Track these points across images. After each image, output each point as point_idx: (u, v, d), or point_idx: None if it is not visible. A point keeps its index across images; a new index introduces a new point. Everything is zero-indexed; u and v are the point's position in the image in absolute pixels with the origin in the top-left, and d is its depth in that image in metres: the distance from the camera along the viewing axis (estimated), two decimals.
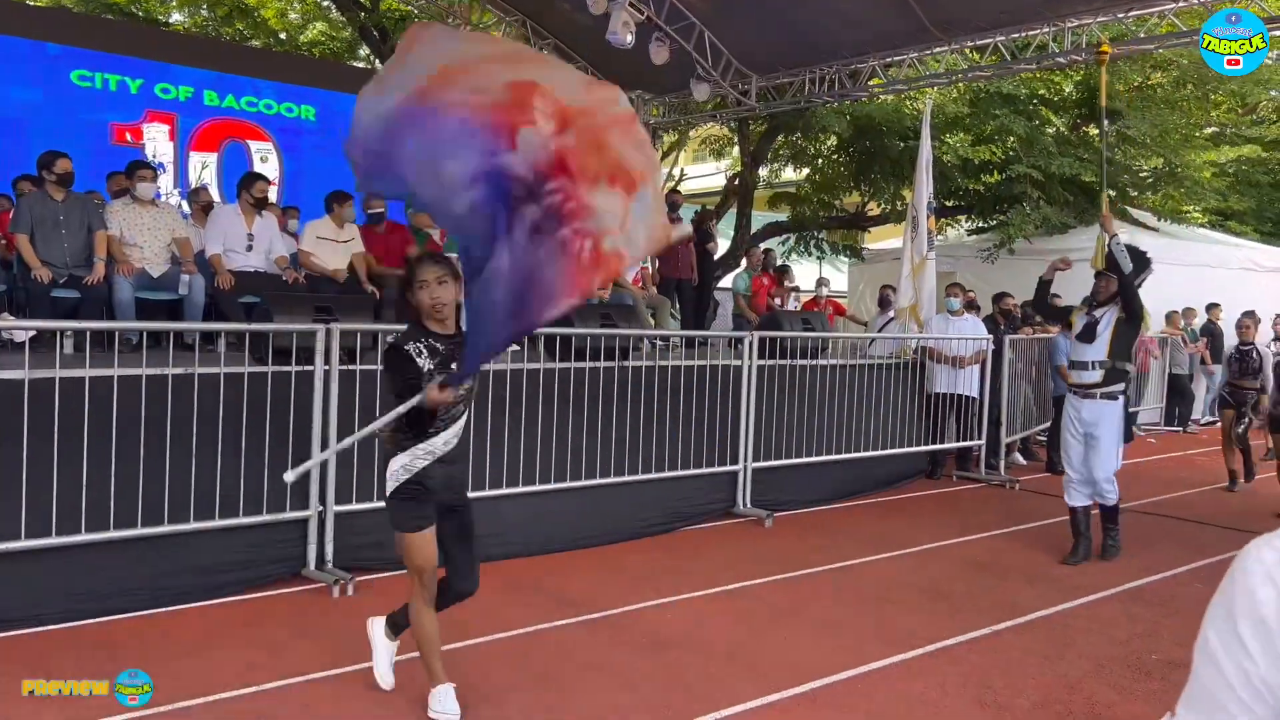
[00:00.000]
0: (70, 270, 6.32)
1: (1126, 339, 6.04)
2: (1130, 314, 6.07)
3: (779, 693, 3.86)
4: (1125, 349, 6.05)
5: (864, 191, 15.71)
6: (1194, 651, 1.07)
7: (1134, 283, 6.03)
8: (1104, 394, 5.95)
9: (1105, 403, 5.94)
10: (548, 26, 12.94)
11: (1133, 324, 6.08)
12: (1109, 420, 5.96)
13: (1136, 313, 6.18)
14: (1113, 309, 6.14)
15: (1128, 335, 6.03)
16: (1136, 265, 6.05)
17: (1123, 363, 6.01)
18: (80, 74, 10.40)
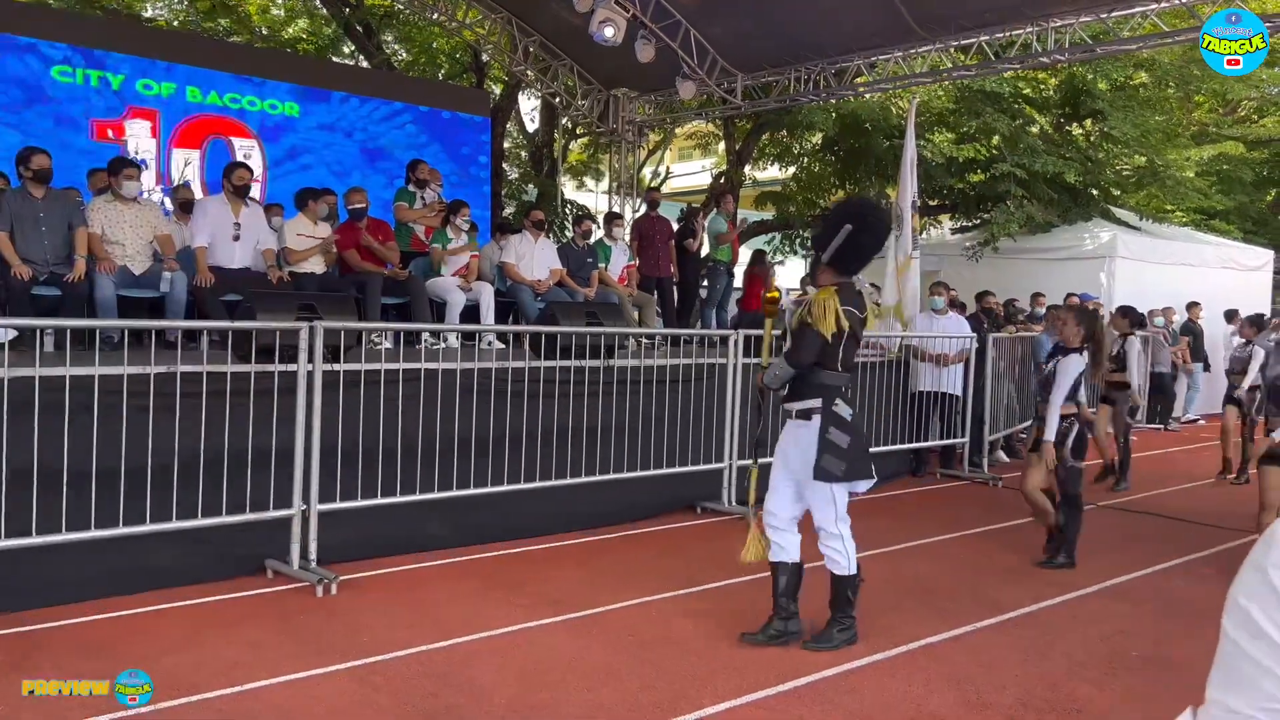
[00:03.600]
0: (50, 268, 6.27)
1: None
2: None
3: (762, 690, 3.87)
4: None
5: (849, 190, 15.76)
6: (1223, 631, 1.02)
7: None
8: (798, 412, 4.35)
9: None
10: (533, 24, 12.92)
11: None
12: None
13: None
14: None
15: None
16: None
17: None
18: (61, 70, 10.32)
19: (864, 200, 4.47)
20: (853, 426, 4.19)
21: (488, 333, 7.57)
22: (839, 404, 4.18)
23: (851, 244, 4.12)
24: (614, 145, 14.43)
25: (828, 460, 4.11)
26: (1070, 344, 5.87)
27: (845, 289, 4.18)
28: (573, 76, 13.61)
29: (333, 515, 5.27)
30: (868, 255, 4.27)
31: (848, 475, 4.15)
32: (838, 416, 4.15)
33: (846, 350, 4.18)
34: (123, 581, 4.73)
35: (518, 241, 8.83)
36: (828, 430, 4.13)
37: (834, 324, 4.05)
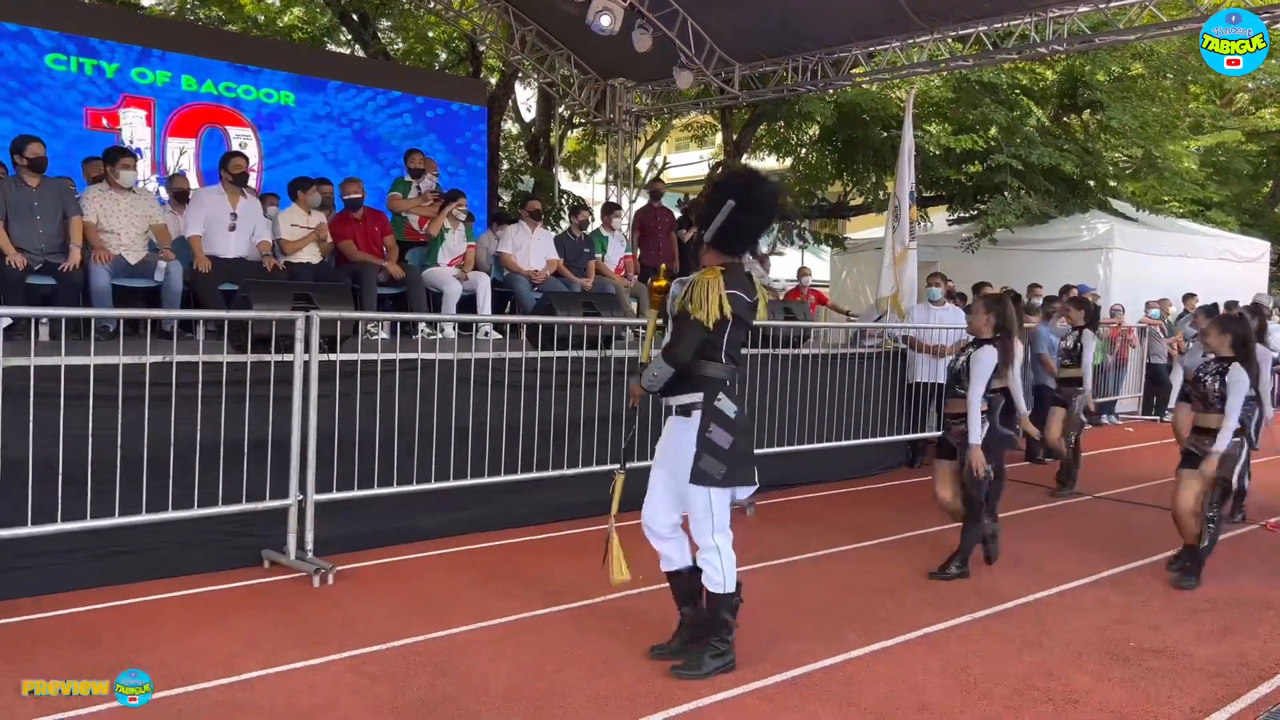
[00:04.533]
0: (45, 257, 6.24)
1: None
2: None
3: (760, 680, 3.87)
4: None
5: (846, 181, 15.74)
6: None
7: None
8: (678, 407, 3.88)
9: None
10: (530, 13, 12.86)
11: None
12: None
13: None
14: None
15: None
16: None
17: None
18: (55, 58, 10.26)
19: (748, 173, 3.98)
20: (738, 425, 3.75)
21: (484, 323, 7.56)
22: (723, 399, 3.74)
23: (734, 223, 3.70)
24: (611, 135, 14.38)
25: (707, 462, 3.69)
26: (981, 334, 5.41)
27: (731, 271, 3.74)
28: (569, 66, 13.56)
29: (330, 506, 5.27)
30: (754, 235, 3.87)
31: (727, 480, 3.72)
32: (720, 413, 3.72)
33: (732, 340, 3.75)
34: (119, 572, 4.73)
35: (514, 232, 8.81)
36: (709, 428, 3.71)
37: (717, 310, 3.61)
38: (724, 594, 3.83)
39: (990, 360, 5.26)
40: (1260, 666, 4.24)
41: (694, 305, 3.64)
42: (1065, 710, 3.72)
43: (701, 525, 3.81)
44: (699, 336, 3.65)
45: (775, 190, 3.81)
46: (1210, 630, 4.71)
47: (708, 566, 3.83)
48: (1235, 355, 5.24)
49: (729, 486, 3.75)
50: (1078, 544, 6.24)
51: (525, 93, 19.97)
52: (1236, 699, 3.88)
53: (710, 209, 3.73)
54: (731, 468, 3.71)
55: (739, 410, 3.77)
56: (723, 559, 3.81)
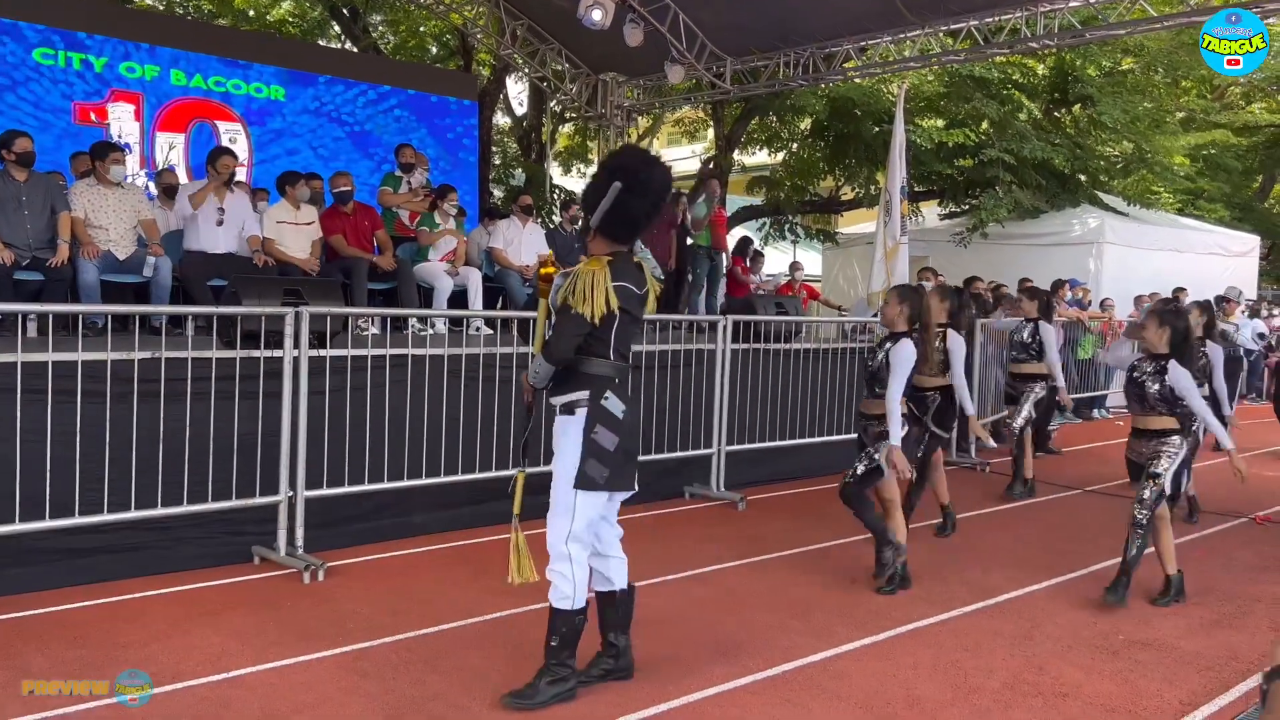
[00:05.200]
0: (33, 252, 6.21)
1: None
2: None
3: (750, 675, 3.87)
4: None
5: (838, 176, 15.73)
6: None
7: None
8: (562, 406, 3.56)
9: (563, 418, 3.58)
10: (521, 7, 12.83)
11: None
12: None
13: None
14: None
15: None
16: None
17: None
18: (43, 52, 10.20)
19: (635, 153, 3.68)
20: (624, 426, 3.48)
21: (475, 318, 7.53)
22: (610, 398, 3.46)
23: (621, 206, 3.41)
24: (602, 130, 14.36)
25: (591, 465, 3.42)
26: (895, 327, 5.02)
27: (619, 261, 3.47)
28: (561, 60, 13.53)
29: (320, 502, 5.25)
30: (643, 220, 3.52)
31: (610, 484, 3.46)
32: (607, 413, 3.44)
33: (621, 334, 3.48)
34: (108, 569, 4.71)
35: (505, 227, 8.79)
36: (594, 429, 3.43)
37: (602, 303, 3.34)
38: (569, 611, 3.49)
39: (909, 355, 4.90)
40: (1249, 659, 4.25)
41: (576, 298, 3.38)
42: (1055, 704, 3.73)
43: (558, 527, 3.47)
44: (580, 331, 3.39)
45: (666, 172, 3.55)
46: (1200, 623, 4.73)
47: (557, 578, 3.48)
48: (1172, 352, 4.85)
49: (611, 491, 3.49)
50: (1067, 538, 6.26)
51: (516, 87, 19.93)
52: (1226, 691, 3.90)
53: (596, 193, 3.47)
54: (614, 472, 3.46)
55: (628, 410, 3.52)
56: (575, 569, 3.47)
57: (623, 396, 3.51)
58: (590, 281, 3.38)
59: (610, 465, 3.44)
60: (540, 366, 3.50)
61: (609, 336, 3.46)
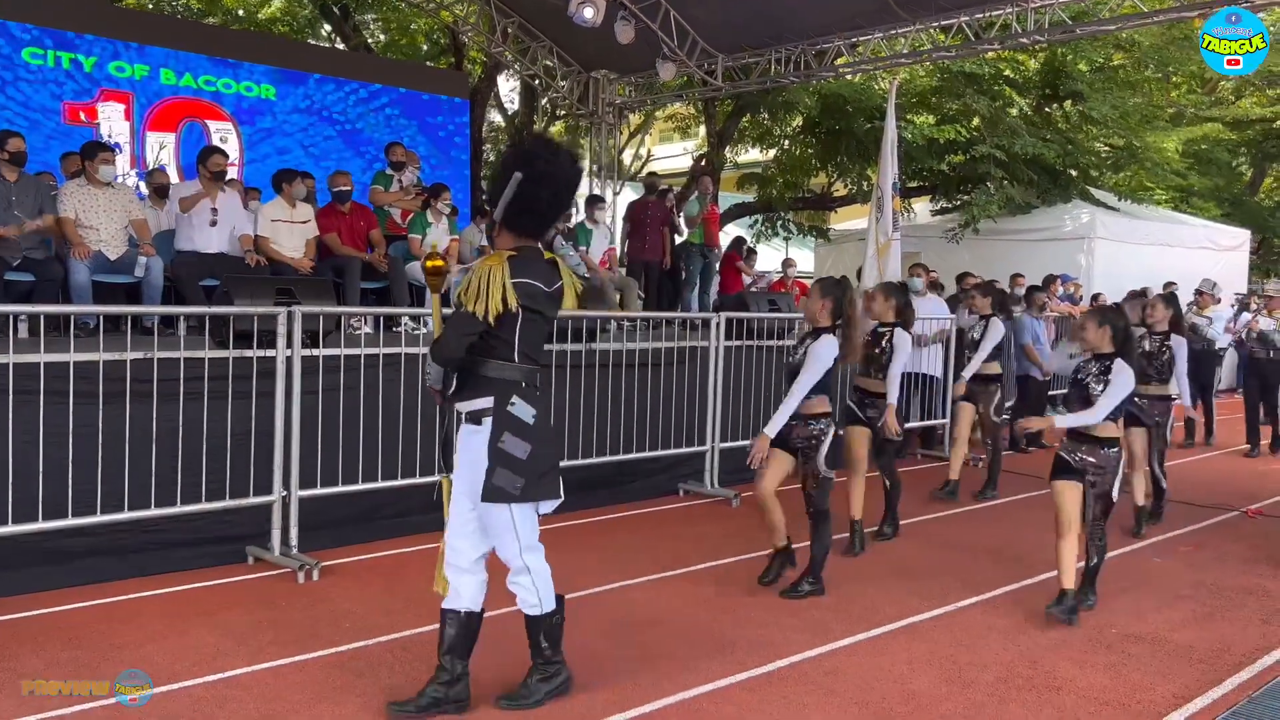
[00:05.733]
0: (24, 252, 6.19)
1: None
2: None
3: (746, 671, 3.88)
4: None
5: (830, 172, 15.75)
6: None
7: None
8: (468, 414, 3.35)
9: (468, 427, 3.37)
10: (511, 5, 12.81)
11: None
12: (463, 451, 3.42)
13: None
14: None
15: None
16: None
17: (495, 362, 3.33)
18: (32, 51, 10.15)
19: (537, 141, 3.43)
20: (536, 432, 3.28)
21: None
22: (517, 403, 3.26)
23: (524, 197, 3.20)
24: (594, 128, 14.35)
25: (501, 476, 3.23)
26: (818, 322, 4.75)
27: (524, 255, 3.25)
28: (552, 58, 13.51)
29: (314, 501, 5.24)
30: (550, 210, 3.33)
31: (526, 494, 3.27)
32: (514, 419, 3.25)
33: (526, 334, 3.26)
34: (103, 570, 4.70)
35: None
36: (500, 437, 3.24)
37: (498, 302, 3.13)
38: (541, 616, 3.46)
39: (828, 351, 4.65)
40: (1242, 651, 4.28)
41: (468, 296, 3.17)
42: (1049, 697, 3.75)
43: (507, 546, 3.37)
44: (469, 331, 3.18)
45: (571, 158, 3.34)
46: (1192, 616, 4.75)
47: (520, 589, 3.42)
48: (1116, 350, 4.60)
49: (529, 501, 3.32)
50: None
51: (508, 85, 19.91)
52: (1219, 684, 3.92)
53: (498, 185, 3.26)
54: (530, 481, 3.27)
55: (539, 414, 3.31)
56: (535, 578, 3.41)
57: (532, 400, 3.30)
58: (485, 278, 3.17)
59: (525, 474, 3.25)
60: (430, 367, 3.36)
61: (511, 337, 3.25)
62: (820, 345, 4.66)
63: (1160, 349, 6.52)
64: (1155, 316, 6.66)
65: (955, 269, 11.00)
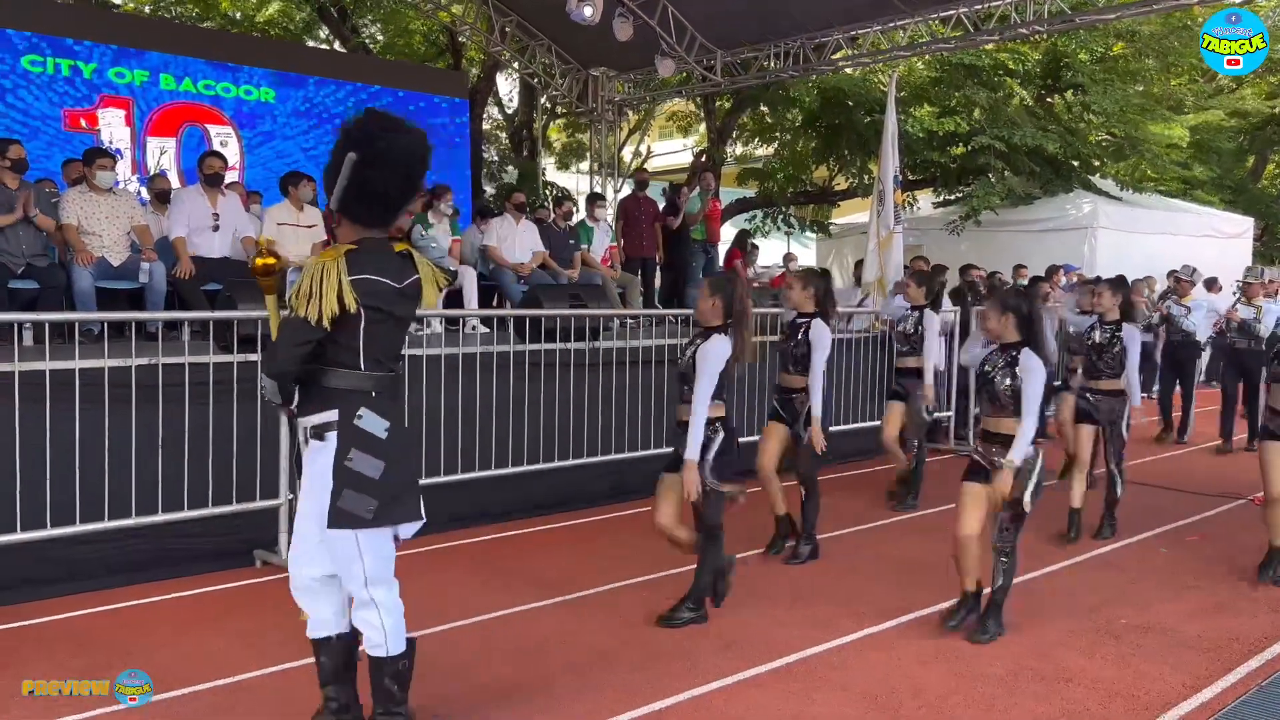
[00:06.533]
0: (27, 259, 6.20)
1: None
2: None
3: (754, 668, 3.88)
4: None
5: (831, 166, 15.73)
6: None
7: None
8: (312, 428, 2.98)
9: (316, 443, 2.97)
10: (508, 3, 12.81)
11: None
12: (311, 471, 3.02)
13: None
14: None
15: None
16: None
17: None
18: (32, 59, 10.16)
19: (374, 118, 2.93)
20: (390, 447, 2.90)
21: (471, 317, 7.53)
22: (366, 415, 2.87)
23: (361, 181, 2.83)
24: (594, 125, 14.34)
25: (348, 498, 2.84)
26: (708, 321, 4.33)
27: (367, 249, 2.87)
28: (550, 56, 13.50)
29: None
30: (395, 195, 2.91)
31: (380, 518, 2.88)
32: (363, 434, 2.86)
33: (373, 338, 2.87)
34: (111, 574, 4.71)
35: (499, 224, 8.79)
36: (348, 454, 2.85)
37: (333, 302, 2.74)
38: (388, 658, 3.01)
39: (720, 352, 4.21)
40: (1251, 640, 4.27)
41: (299, 298, 2.77)
42: (1059, 689, 3.75)
43: (351, 575, 2.95)
44: (304, 339, 2.79)
45: (413, 137, 2.94)
46: (1201, 607, 4.74)
47: (365, 626, 3.01)
48: (1022, 339, 4.23)
49: (383, 526, 2.92)
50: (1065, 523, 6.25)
51: (507, 84, 19.89)
52: (1229, 673, 3.92)
53: (333, 169, 2.89)
54: (385, 502, 2.88)
55: (394, 427, 2.92)
56: (384, 615, 2.98)
57: (385, 411, 2.92)
58: (317, 277, 2.77)
59: (379, 496, 2.87)
60: (265, 381, 2.95)
61: (355, 342, 2.85)
62: (710, 346, 4.25)
63: (1111, 340, 6.01)
64: (1103, 304, 6.10)
65: (959, 261, 10.99)
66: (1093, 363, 6.08)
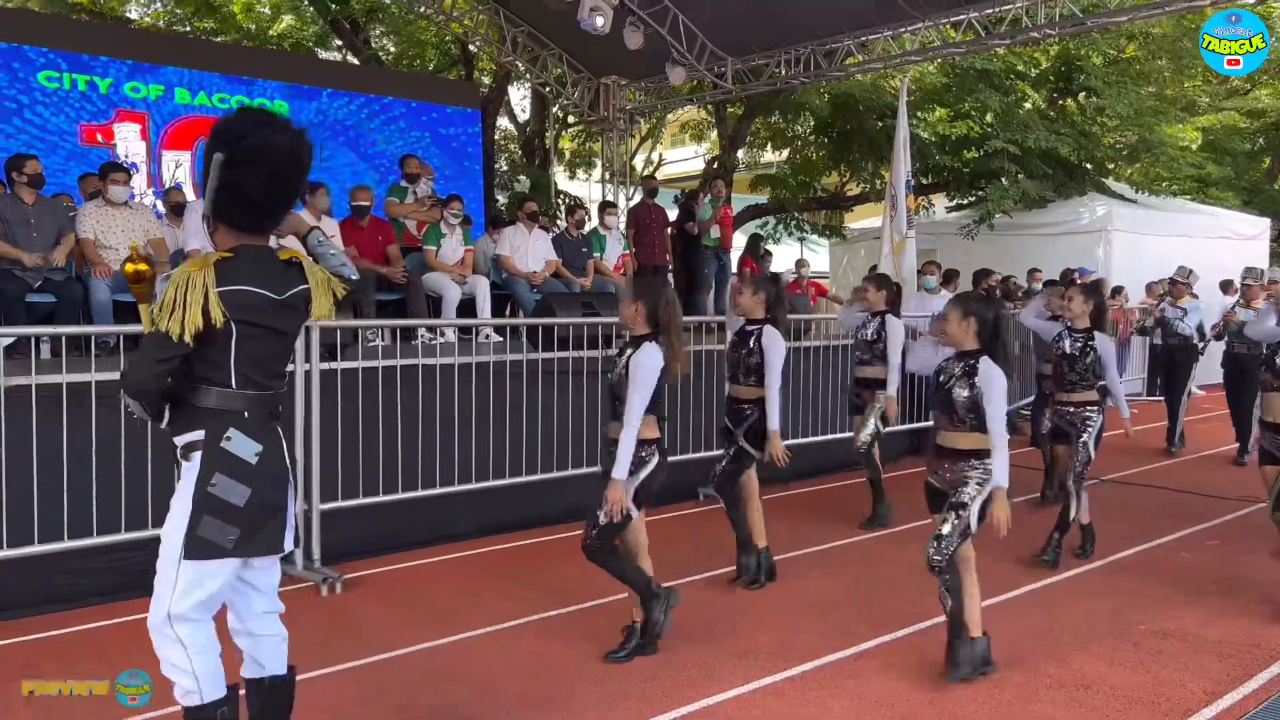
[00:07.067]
0: (44, 274, 6.25)
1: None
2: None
3: (769, 676, 3.87)
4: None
5: (843, 171, 15.71)
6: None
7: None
8: (181, 448, 2.76)
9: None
10: (520, 13, 12.85)
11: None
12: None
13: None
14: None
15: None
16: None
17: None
18: (48, 75, 10.26)
19: (244, 115, 2.76)
20: (258, 472, 2.67)
21: (485, 326, 7.56)
22: (235, 437, 2.65)
23: (230, 183, 2.63)
24: (605, 133, 14.37)
25: (209, 526, 2.60)
26: (635, 330, 4.02)
27: (244, 256, 2.66)
28: (562, 65, 13.54)
29: (335, 514, 5.27)
30: (270, 197, 2.70)
31: (241, 548, 2.64)
32: (230, 458, 2.64)
33: (249, 353, 2.64)
34: (127, 586, 4.72)
35: (512, 234, 8.81)
36: (211, 479, 2.63)
37: (197, 315, 2.52)
38: (199, 706, 2.70)
39: (654, 363, 3.90)
40: (1272, 646, 4.23)
41: (161, 311, 2.55)
42: (1078, 696, 3.72)
43: (158, 600, 2.66)
44: (165, 355, 2.56)
45: (287, 134, 2.70)
46: (1220, 611, 4.70)
47: (168, 668, 2.69)
48: (982, 347, 3.90)
49: (242, 557, 2.68)
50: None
51: (519, 93, 19.96)
52: (1250, 679, 3.88)
53: (205, 171, 2.70)
54: (248, 531, 2.64)
55: (267, 450, 2.69)
56: (191, 656, 2.68)
57: (256, 434, 2.68)
58: (182, 287, 2.54)
59: (241, 524, 2.63)
60: (127, 400, 2.70)
61: (224, 358, 2.63)
62: (642, 355, 3.90)
63: (1084, 350, 5.57)
64: (1073, 311, 5.64)
65: (972, 265, 10.95)
66: (1063, 374, 5.64)
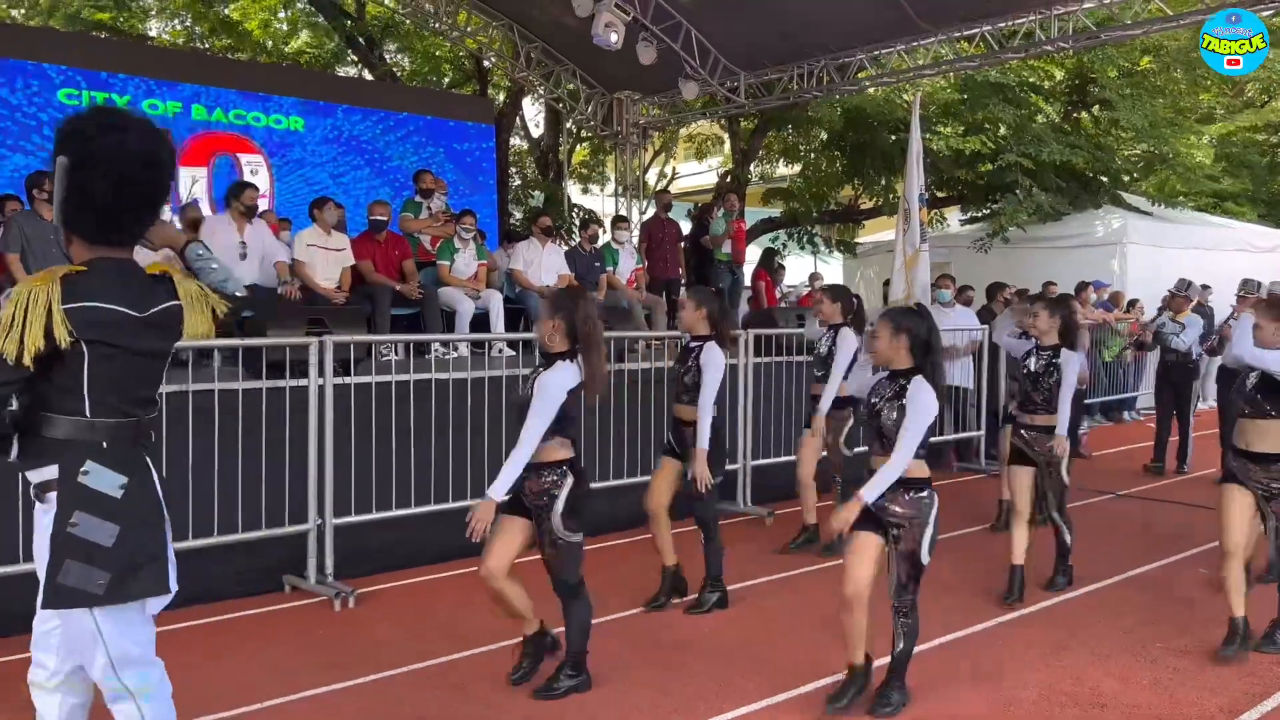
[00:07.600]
0: None
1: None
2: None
3: (784, 692, 3.85)
4: None
5: (856, 185, 15.71)
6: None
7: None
8: (35, 487, 2.51)
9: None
10: (534, 30, 12.92)
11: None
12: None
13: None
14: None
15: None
16: None
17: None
18: (68, 92, 10.38)
19: (91, 114, 2.47)
20: (126, 508, 2.40)
21: (498, 341, 7.57)
22: (93, 471, 2.38)
23: (76, 189, 2.37)
24: (619, 148, 14.42)
25: (72, 572, 2.33)
26: (551, 347, 3.77)
27: (98, 270, 2.40)
28: (575, 81, 13.61)
29: (349, 529, 5.28)
30: (120, 204, 2.41)
31: (113, 593, 2.36)
32: (90, 494, 2.37)
33: (105, 376, 2.37)
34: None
35: (525, 248, 8.84)
36: (70, 518, 2.34)
37: (38, 336, 2.25)
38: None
39: (560, 382, 3.69)
40: None
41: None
42: (1093, 714, 3.69)
43: (94, 663, 2.43)
44: (3, 380, 2.28)
45: (143, 135, 2.44)
46: None
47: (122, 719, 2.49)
48: (915, 366, 3.63)
49: (119, 602, 2.39)
50: (1100, 544, 6.17)
51: (533, 109, 20.05)
52: (1267, 698, 3.84)
53: (54, 177, 2.42)
54: (120, 574, 2.36)
55: (133, 483, 2.44)
56: (141, 705, 2.50)
57: (121, 465, 2.42)
58: (22, 304, 2.26)
59: (111, 566, 2.35)
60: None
61: (76, 384, 2.35)
62: (549, 375, 3.70)
63: (1049, 368, 5.19)
64: (1039, 326, 5.27)
65: (986, 279, 10.90)
66: (1027, 393, 5.25)
